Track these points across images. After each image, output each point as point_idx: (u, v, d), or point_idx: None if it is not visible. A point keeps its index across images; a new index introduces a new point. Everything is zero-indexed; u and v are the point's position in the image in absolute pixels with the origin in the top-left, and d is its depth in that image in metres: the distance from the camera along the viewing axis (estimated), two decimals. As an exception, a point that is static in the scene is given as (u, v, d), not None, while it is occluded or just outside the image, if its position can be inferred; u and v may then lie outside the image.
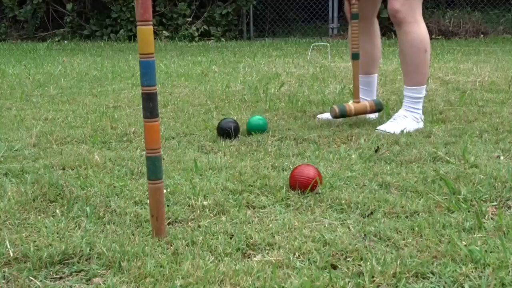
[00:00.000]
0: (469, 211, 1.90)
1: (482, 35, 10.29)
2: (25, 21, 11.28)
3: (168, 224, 1.84)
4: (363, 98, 3.38)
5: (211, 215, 1.92)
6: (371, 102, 3.23)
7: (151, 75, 1.70)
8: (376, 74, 3.44)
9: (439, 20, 10.53)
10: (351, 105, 3.16)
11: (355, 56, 3.19)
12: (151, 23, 1.70)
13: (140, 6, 1.68)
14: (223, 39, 10.70)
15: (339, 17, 11.11)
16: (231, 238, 1.72)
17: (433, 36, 10.30)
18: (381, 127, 3.04)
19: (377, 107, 3.24)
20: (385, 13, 10.45)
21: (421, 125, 3.12)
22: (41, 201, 2.05)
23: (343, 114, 3.12)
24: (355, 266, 1.54)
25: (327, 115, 3.36)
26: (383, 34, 10.49)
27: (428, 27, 10.36)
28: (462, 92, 4.23)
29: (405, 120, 3.07)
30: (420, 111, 3.16)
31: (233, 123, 2.96)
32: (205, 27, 10.54)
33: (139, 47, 1.70)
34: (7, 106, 4.04)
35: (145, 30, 1.69)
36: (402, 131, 2.97)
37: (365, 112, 3.22)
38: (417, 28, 3.06)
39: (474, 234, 1.73)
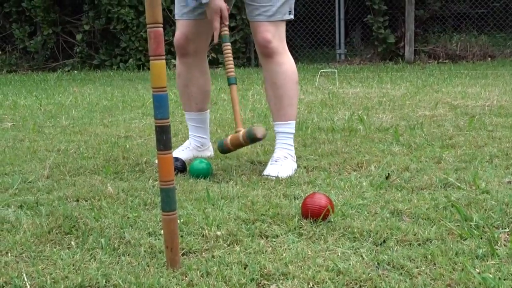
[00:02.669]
0: (481, 238, 1.91)
1: (489, 59, 10.33)
2: (36, 52, 11.42)
3: (183, 255, 1.86)
4: (200, 137, 3.26)
5: (225, 245, 1.93)
6: (243, 133, 2.82)
7: (164, 108, 1.73)
8: (209, 110, 3.31)
9: (446, 44, 10.58)
10: (228, 140, 2.87)
11: (232, 80, 2.90)
12: (163, 57, 1.73)
13: (153, 41, 1.72)
14: (231, 66, 10.77)
15: (345, 42, 11.18)
16: (245, 268, 1.73)
17: (440, 60, 10.34)
18: (268, 172, 2.81)
19: (249, 138, 2.82)
20: (392, 38, 10.52)
21: (296, 165, 2.94)
22: (56, 233, 2.07)
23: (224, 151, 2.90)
24: (369, 295, 1.55)
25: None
26: (390, 59, 10.54)
27: (435, 51, 10.50)
28: (471, 116, 4.24)
29: (287, 161, 2.89)
30: (293, 148, 3.00)
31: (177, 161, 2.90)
32: (213, 55, 10.62)
33: (152, 81, 1.74)
34: (20, 137, 4.09)
35: (158, 64, 1.73)
36: (289, 176, 2.78)
37: (242, 145, 2.88)
38: (288, 59, 2.96)
39: (487, 261, 1.73)
